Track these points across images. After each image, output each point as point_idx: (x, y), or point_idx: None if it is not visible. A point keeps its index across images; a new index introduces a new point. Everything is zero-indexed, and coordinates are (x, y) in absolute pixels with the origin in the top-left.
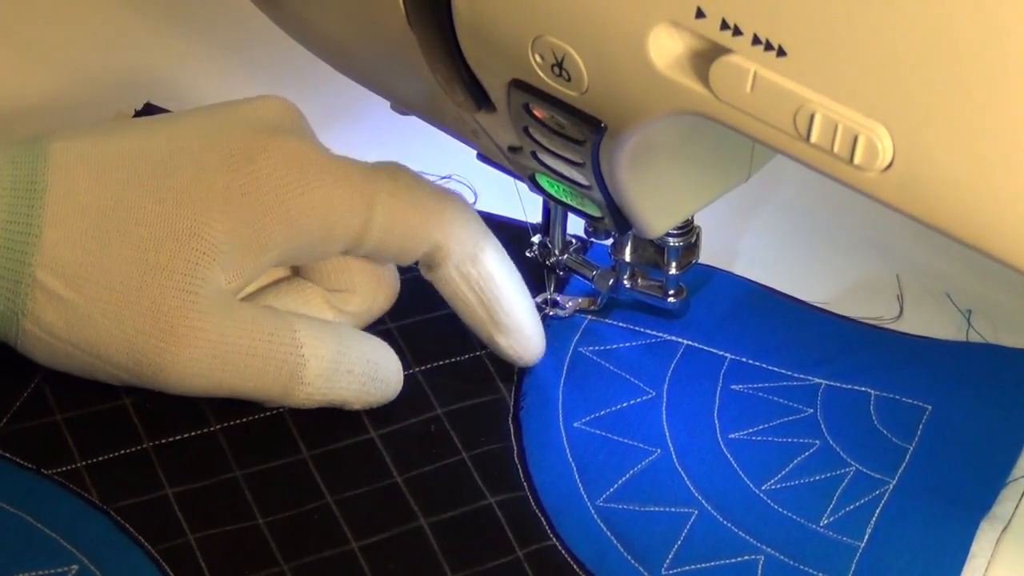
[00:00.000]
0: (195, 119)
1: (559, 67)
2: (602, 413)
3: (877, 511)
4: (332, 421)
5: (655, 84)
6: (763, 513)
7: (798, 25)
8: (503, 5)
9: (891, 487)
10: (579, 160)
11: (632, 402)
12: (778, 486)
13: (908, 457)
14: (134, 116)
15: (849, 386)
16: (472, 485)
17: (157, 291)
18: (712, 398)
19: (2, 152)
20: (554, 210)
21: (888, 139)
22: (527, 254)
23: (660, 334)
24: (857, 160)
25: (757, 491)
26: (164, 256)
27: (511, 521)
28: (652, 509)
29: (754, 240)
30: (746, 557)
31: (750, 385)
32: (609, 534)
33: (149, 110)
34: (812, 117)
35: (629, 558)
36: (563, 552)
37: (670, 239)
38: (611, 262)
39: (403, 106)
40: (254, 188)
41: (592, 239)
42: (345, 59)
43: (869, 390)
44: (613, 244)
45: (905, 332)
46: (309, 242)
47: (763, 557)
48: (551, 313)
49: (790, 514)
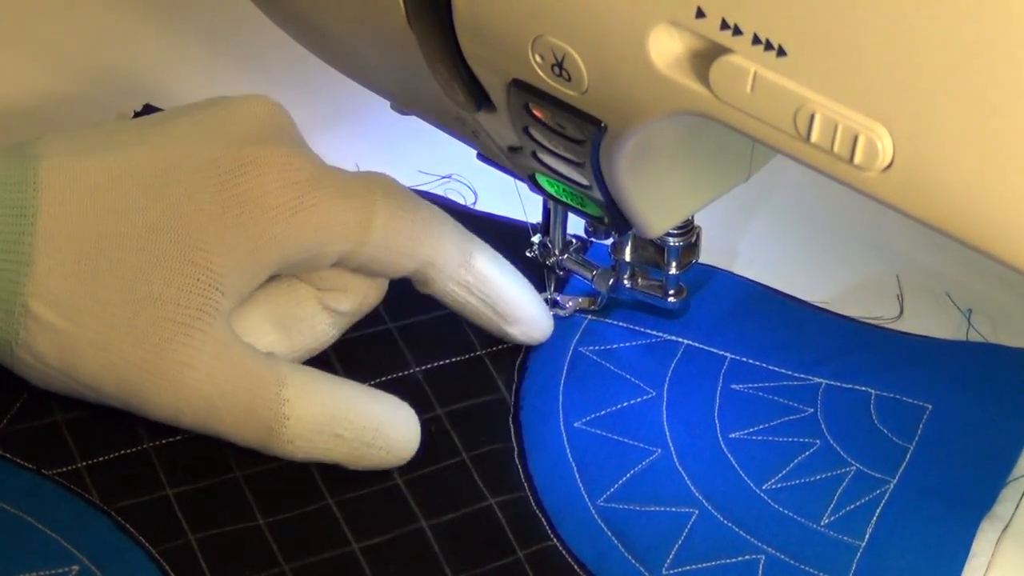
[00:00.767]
0: (182, 127)
1: (559, 67)
2: (602, 413)
3: (878, 511)
4: None
5: (655, 84)
6: (764, 513)
7: (798, 25)
8: (503, 5)
9: (891, 487)
10: (579, 160)
11: (632, 402)
12: (779, 486)
13: (908, 456)
14: (134, 117)
15: (849, 385)
16: (472, 486)
17: (148, 322)
18: (712, 398)
19: None
20: (554, 210)
21: (888, 139)
22: (527, 254)
23: (660, 334)
24: (857, 160)
25: (758, 491)
26: (156, 286)
27: (512, 522)
28: (653, 509)
29: (754, 240)
30: (747, 557)
31: (750, 385)
32: (610, 534)
33: (149, 112)
34: (812, 117)
35: (630, 558)
36: (564, 552)
37: (670, 239)
38: (611, 262)
39: (403, 106)
40: (248, 208)
41: (592, 239)
42: (345, 59)
43: (869, 390)
44: (613, 244)
45: (905, 332)
46: (304, 258)
47: (764, 557)
48: (551, 313)
49: (791, 514)
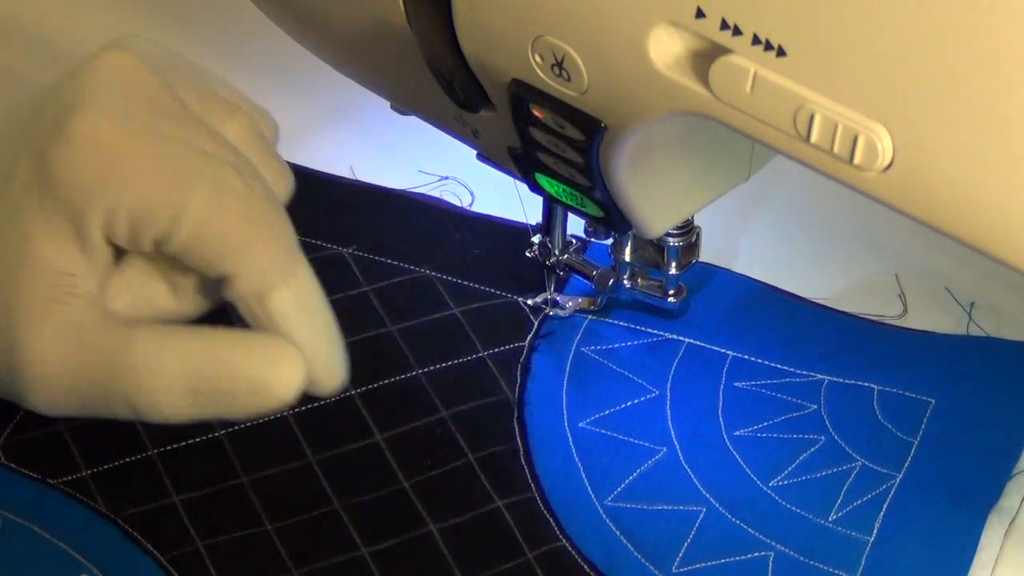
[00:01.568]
0: (32, 106)
1: (559, 67)
2: (606, 413)
3: (885, 505)
4: (337, 425)
5: (655, 84)
6: (771, 510)
7: (798, 25)
8: (503, 5)
9: (897, 481)
10: (579, 160)
11: (636, 401)
12: (785, 482)
13: (913, 451)
14: None
15: (852, 381)
16: (480, 488)
17: (7, 329)
18: (716, 396)
19: None
20: (554, 210)
21: (888, 139)
22: (527, 254)
23: (662, 333)
24: (857, 160)
25: (764, 488)
26: (7, 291)
27: (520, 523)
28: (660, 508)
29: (754, 239)
30: (756, 554)
31: (753, 382)
32: (619, 534)
33: None
34: (812, 117)
35: (639, 557)
36: (573, 553)
37: (670, 239)
38: (611, 262)
39: (403, 106)
40: (61, 185)
41: (592, 239)
42: (345, 58)
43: (872, 385)
44: (613, 244)
45: (907, 327)
46: (126, 238)
47: (773, 554)
48: (551, 313)
49: (798, 510)
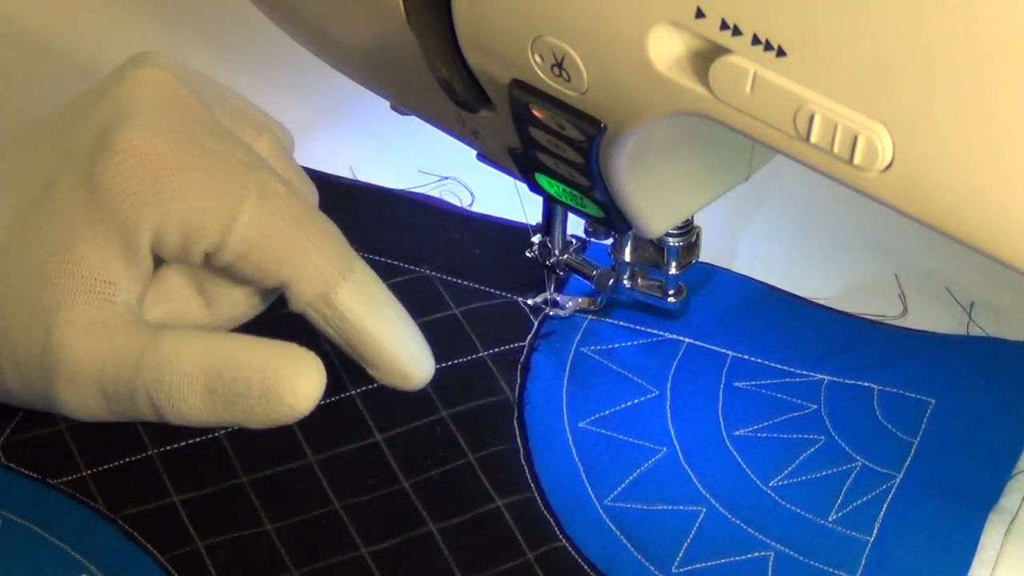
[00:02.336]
0: (68, 118)
1: (559, 67)
2: (606, 412)
3: (885, 505)
4: (337, 425)
5: (655, 84)
6: (771, 510)
7: (798, 25)
8: (503, 5)
9: (897, 481)
10: (579, 160)
11: (636, 401)
12: (785, 482)
13: (913, 451)
14: None
15: (852, 381)
16: (480, 488)
17: (44, 329)
18: (715, 396)
19: None
20: (554, 210)
21: (888, 139)
22: (527, 254)
23: (662, 333)
24: (857, 160)
25: (765, 488)
26: (46, 293)
27: (520, 523)
28: (660, 508)
29: (754, 239)
30: (756, 554)
31: (753, 382)
32: (619, 534)
33: None
34: (812, 117)
35: (640, 557)
36: (573, 553)
37: (670, 239)
38: (611, 262)
39: (403, 106)
40: (110, 196)
41: (592, 239)
42: (345, 58)
43: (872, 385)
44: (613, 244)
45: (907, 327)
46: (174, 250)
47: (773, 554)
48: (551, 313)
49: (798, 510)
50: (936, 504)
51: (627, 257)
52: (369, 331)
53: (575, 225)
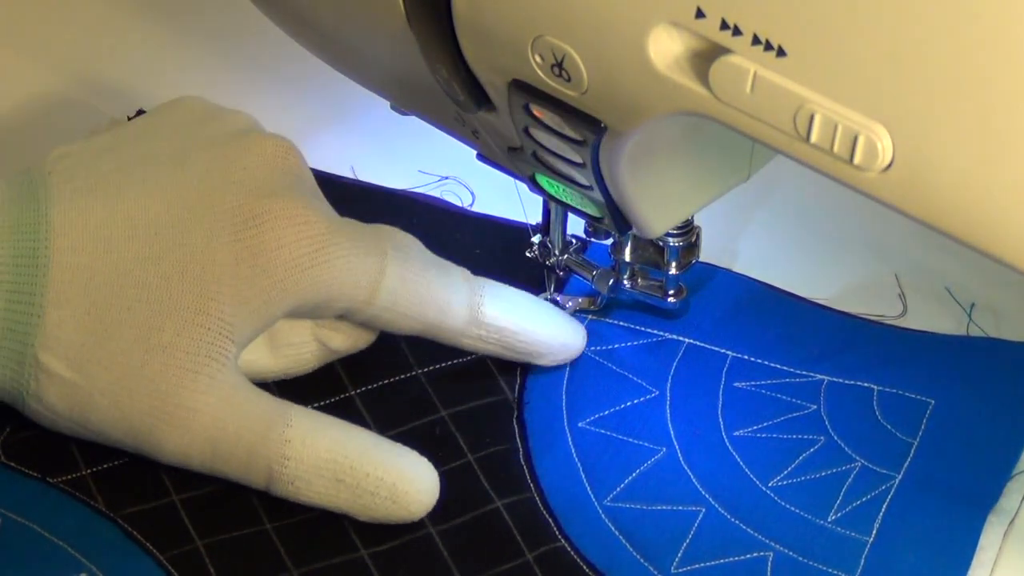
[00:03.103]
0: (198, 169)
1: (559, 67)
2: (606, 413)
3: (884, 506)
4: None
5: (655, 84)
6: (771, 510)
7: (798, 25)
8: (503, 5)
9: (897, 482)
10: (579, 160)
11: (635, 401)
12: (784, 482)
13: (913, 452)
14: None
15: (851, 382)
16: (479, 488)
17: (158, 370)
18: (715, 396)
19: (3, 214)
20: (554, 210)
21: (888, 139)
22: (527, 254)
23: (661, 333)
24: (857, 160)
25: (764, 488)
26: (167, 335)
27: (519, 524)
28: (660, 508)
29: (754, 239)
30: (755, 554)
31: (753, 382)
32: (618, 534)
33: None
34: (812, 117)
35: (639, 557)
36: (572, 553)
37: (670, 239)
38: (611, 262)
39: (403, 106)
40: (263, 260)
41: (592, 239)
42: (345, 58)
43: (872, 385)
44: (613, 244)
45: (906, 327)
46: (311, 309)
47: (772, 554)
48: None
49: (798, 510)
50: (935, 505)
51: (627, 257)
52: (526, 329)
53: (575, 225)
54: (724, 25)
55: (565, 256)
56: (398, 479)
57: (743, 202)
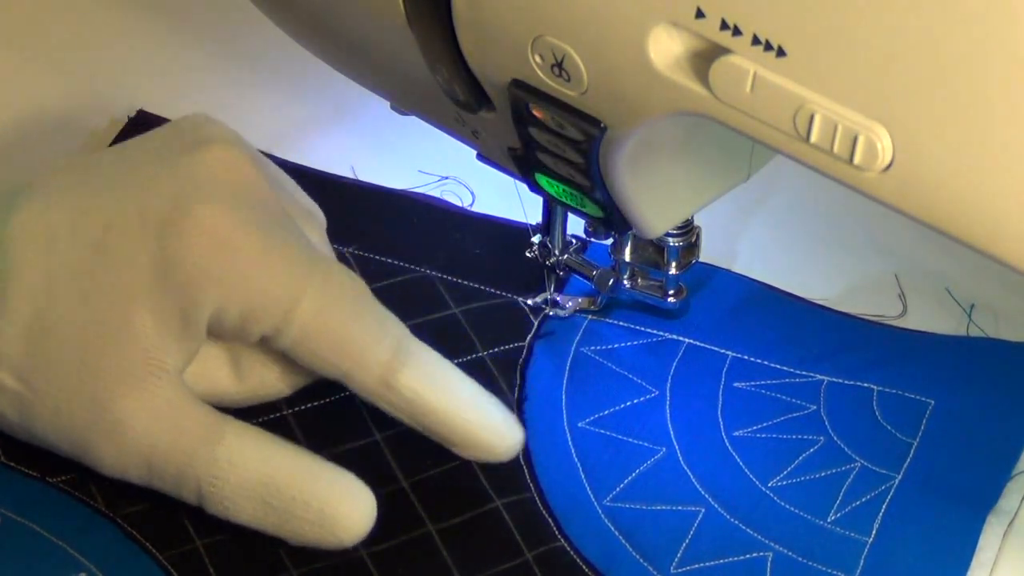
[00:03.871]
0: (140, 181)
1: (559, 67)
2: (606, 413)
3: (884, 506)
4: (336, 424)
5: (655, 84)
6: (770, 510)
7: (798, 25)
8: (503, 5)
9: (896, 482)
10: (579, 160)
11: (635, 401)
12: (784, 483)
13: (912, 452)
14: (127, 123)
15: (851, 382)
16: (479, 488)
17: (92, 384)
18: (715, 396)
19: None
20: (554, 210)
21: (888, 139)
22: (527, 254)
23: (661, 333)
24: (857, 160)
25: (763, 488)
26: (99, 348)
27: (519, 523)
28: (659, 508)
29: (754, 240)
30: (755, 554)
31: (752, 383)
32: (617, 534)
33: (143, 118)
34: (812, 117)
35: (638, 557)
36: (572, 553)
37: (670, 239)
38: (611, 262)
39: (403, 106)
40: (178, 272)
41: (592, 239)
42: (344, 58)
43: (871, 386)
44: (613, 244)
45: (906, 328)
46: (231, 329)
47: (771, 554)
48: (551, 313)
49: (797, 511)
50: (935, 505)
51: (627, 257)
52: (438, 410)
53: (575, 225)
54: (724, 25)
55: (565, 256)
56: (325, 504)
57: (743, 202)
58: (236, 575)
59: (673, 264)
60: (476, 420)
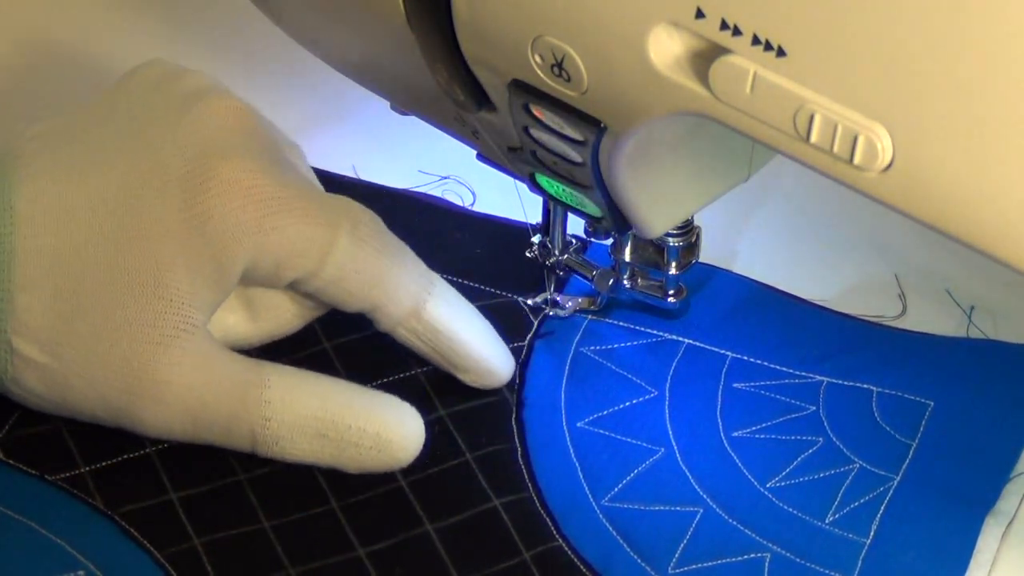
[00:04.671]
0: (151, 136)
1: (559, 67)
2: (605, 413)
3: (882, 507)
4: None
5: (655, 84)
6: (768, 511)
7: (798, 25)
8: (503, 5)
9: (895, 483)
10: (579, 160)
11: (634, 401)
12: (783, 484)
13: (911, 453)
14: None
15: (851, 383)
16: (477, 487)
17: (128, 348)
18: (714, 396)
19: None
20: (554, 210)
21: (888, 139)
22: (527, 254)
23: (661, 333)
24: (857, 160)
25: (762, 489)
26: (131, 311)
27: (517, 523)
28: (657, 508)
29: (754, 240)
30: (752, 555)
31: (752, 383)
32: (615, 534)
33: None
34: (812, 117)
35: (636, 558)
36: (569, 553)
37: (670, 239)
38: (611, 262)
39: (403, 106)
40: (210, 227)
41: (592, 239)
42: (344, 58)
43: (871, 387)
44: (613, 244)
45: (906, 329)
46: (264, 276)
47: (769, 555)
48: (551, 313)
49: (795, 511)
50: (934, 506)
51: (627, 257)
52: (459, 338)
53: (575, 225)
54: (724, 25)
55: (565, 256)
56: (381, 428)
57: (743, 202)
58: (234, 573)
59: (673, 264)
60: (488, 346)
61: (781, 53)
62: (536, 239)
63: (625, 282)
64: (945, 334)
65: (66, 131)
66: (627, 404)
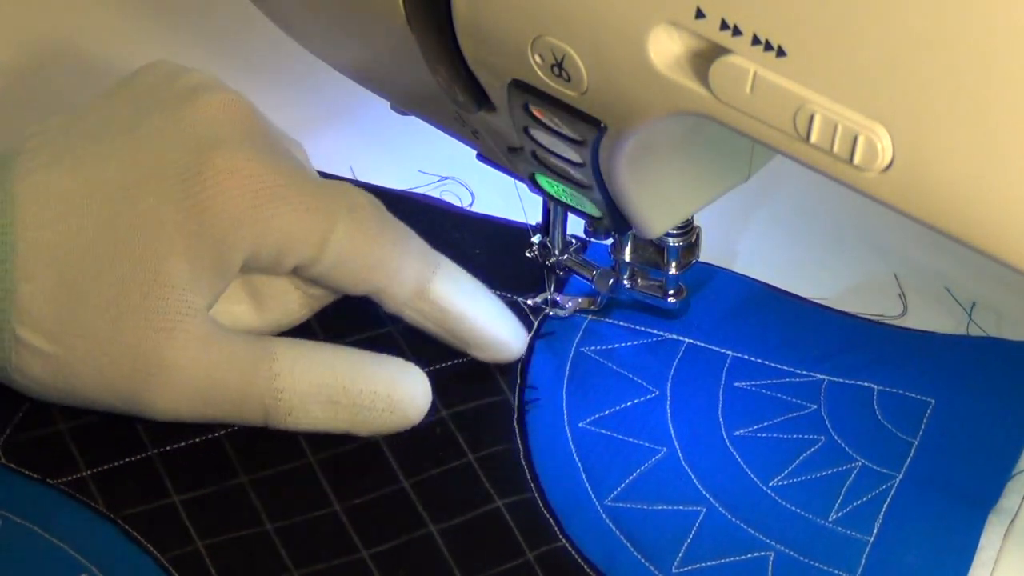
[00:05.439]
0: (149, 129)
1: (559, 67)
2: (606, 413)
3: (885, 505)
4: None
5: (655, 84)
6: (771, 510)
7: (798, 25)
8: (503, 5)
9: (897, 481)
10: (579, 160)
11: (636, 401)
12: (785, 482)
13: (913, 451)
14: None
15: (852, 381)
16: (480, 488)
17: (131, 334)
18: (716, 396)
19: None
20: (554, 210)
21: (888, 139)
22: (527, 254)
23: (662, 333)
24: (857, 160)
25: (764, 488)
26: (135, 298)
27: (520, 523)
28: (660, 508)
29: (754, 239)
30: (756, 554)
31: (753, 382)
32: (618, 534)
33: None
34: (812, 117)
35: (639, 557)
36: (573, 553)
37: (670, 239)
38: (611, 262)
39: (402, 106)
40: (208, 216)
41: (592, 239)
42: (344, 58)
43: (872, 385)
44: (613, 244)
45: (906, 327)
46: (264, 264)
47: (773, 554)
48: (551, 313)
49: (798, 510)
50: (936, 504)
51: (627, 257)
52: (468, 315)
53: (575, 225)
54: (724, 25)
55: (565, 256)
56: (392, 389)
57: (743, 202)
58: None
59: (673, 264)
60: (498, 322)
61: (781, 53)
62: (536, 239)
63: (625, 282)
64: (946, 332)
65: (67, 126)
66: (628, 404)
